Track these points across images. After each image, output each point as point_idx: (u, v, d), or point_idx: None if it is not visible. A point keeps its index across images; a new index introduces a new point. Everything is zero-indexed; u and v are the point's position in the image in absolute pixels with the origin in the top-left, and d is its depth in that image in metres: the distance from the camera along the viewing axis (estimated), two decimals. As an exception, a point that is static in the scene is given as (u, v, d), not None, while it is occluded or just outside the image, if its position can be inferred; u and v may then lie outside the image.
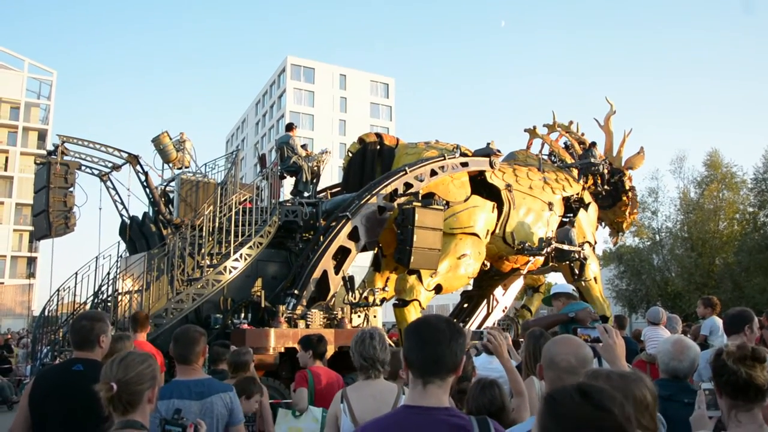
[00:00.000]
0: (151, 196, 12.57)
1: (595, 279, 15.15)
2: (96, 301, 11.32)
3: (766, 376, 2.39)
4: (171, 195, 13.00)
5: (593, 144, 17.04)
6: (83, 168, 12.51)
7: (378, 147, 14.10)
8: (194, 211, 12.16)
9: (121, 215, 13.11)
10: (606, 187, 17.06)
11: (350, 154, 14.25)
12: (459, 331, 2.11)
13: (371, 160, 14.00)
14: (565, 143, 17.65)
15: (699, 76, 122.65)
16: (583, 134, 17.79)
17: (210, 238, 10.95)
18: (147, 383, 2.63)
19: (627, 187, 17.02)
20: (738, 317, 4.58)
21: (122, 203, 13.14)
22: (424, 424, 1.99)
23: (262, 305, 10.58)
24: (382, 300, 12.97)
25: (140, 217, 12.68)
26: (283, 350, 9.69)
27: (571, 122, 18.08)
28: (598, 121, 17.36)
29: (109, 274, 11.59)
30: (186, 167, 13.06)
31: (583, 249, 14.33)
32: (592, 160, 16.49)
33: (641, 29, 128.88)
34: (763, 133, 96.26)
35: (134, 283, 10.76)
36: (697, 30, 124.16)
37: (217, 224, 11.00)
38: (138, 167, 12.62)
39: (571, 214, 15.56)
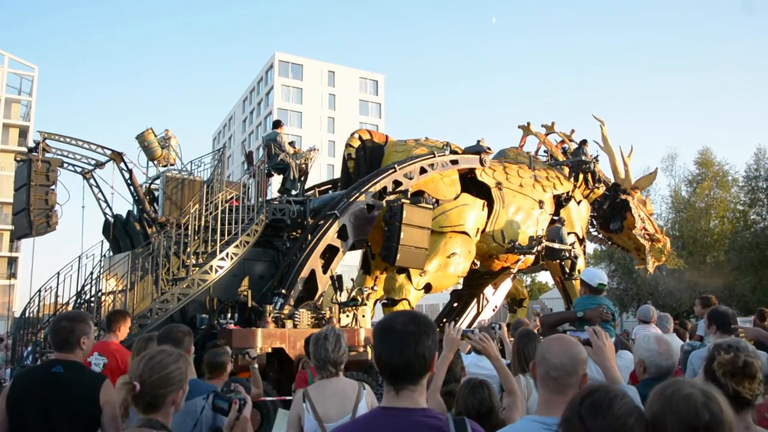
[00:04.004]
0: (135, 194, 12.49)
1: (579, 271, 15.15)
2: (79, 301, 11.24)
3: (755, 390, 2.39)
4: (156, 193, 12.93)
5: (584, 142, 17.10)
6: (65, 165, 12.43)
7: (371, 144, 14.04)
8: (180, 209, 12.12)
9: (105, 214, 13.03)
10: (597, 189, 17.09)
11: (351, 148, 13.99)
12: (427, 330, 2.06)
13: (369, 155, 13.89)
14: (564, 149, 17.62)
15: (690, 73, 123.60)
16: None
17: (196, 237, 10.90)
18: (172, 386, 2.55)
19: (630, 206, 16.65)
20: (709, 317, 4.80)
21: (106, 201, 13.06)
22: (399, 426, 1.97)
23: (249, 305, 10.54)
24: (376, 301, 12.95)
25: (124, 216, 12.60)
26: (270, 350, 9.66)
27: (573, 131, 18.08)
28: (598, 144, 17.25)
29: (92, 273, 11.51)
30: (171, 165, 13.01)
31: (573, 247, 14.38)
32: (583, 158, 16.55)
33: (632, 26, 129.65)
34: (755, 131, 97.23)
35: (118, 283, 10.68)
36: (687, 27, 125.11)
37: (203, 223, 10.95)
38: (122, 165, 12.54)
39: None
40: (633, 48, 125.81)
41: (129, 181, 12.55)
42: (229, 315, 10.56)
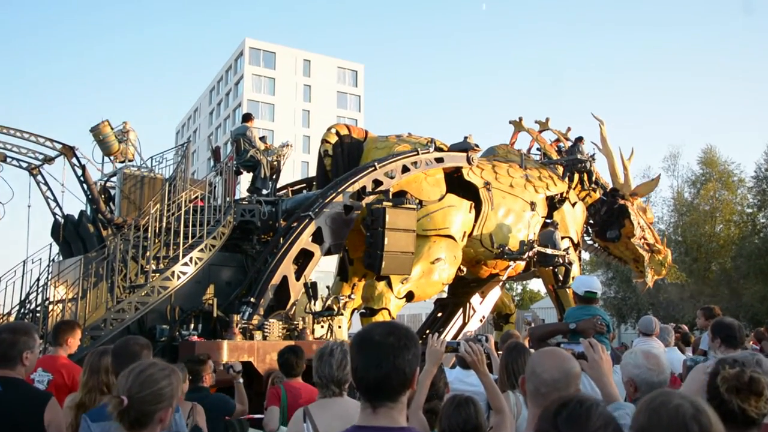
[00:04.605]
0: (89, 192, 12.35)
1: (573, 278, 15.22)
2: (22, 311, 11.13)
3: (762, 409, 2.40)
4: (112, 191, 12.81)
5: (579, 139, 17.19)
6: (9, 160, 12.30)
7: (349, 140, 14.01)
8: (138, 209, 12.02)
9: (54, 214, 12.89)
10: (593, 192, 17.19)
11: (327, 144, 13.89)
12: (408, 344, 2.06)
13: (348, 152, 13.86)
14: (559, 148, 17.72)
15: (693, 69, 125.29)
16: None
17: (156, 240, 10.82)
18: (162, 403, 2.57)
19: (629, 213, 16.71)
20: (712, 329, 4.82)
21: (55, 200, 12.93)
22: None
23: (214, 315, 10.49)
24: (353, 311, 12.92)
25: (76, 217, 12.46)
26: (237, 365, 9.61)
27: (569, 129, 18.19)
28: (597, 146, 17.34)
29: (38, 280, 11.40)
30: (130, 161, 12.88)
31: (567, 253, 14.46)
32: (579, 156, 16.65)
33: (632, 22, 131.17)
34: (762, 132, 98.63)
35: (68, 290, 10.57)
36: (690, 24, 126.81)
37: (164, 224, 10.89)
38: (74, 160, 12.39)
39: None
40: (633, 46, 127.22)
41: (82, 178, 12.41)
42: (192, 326, 10.50)
